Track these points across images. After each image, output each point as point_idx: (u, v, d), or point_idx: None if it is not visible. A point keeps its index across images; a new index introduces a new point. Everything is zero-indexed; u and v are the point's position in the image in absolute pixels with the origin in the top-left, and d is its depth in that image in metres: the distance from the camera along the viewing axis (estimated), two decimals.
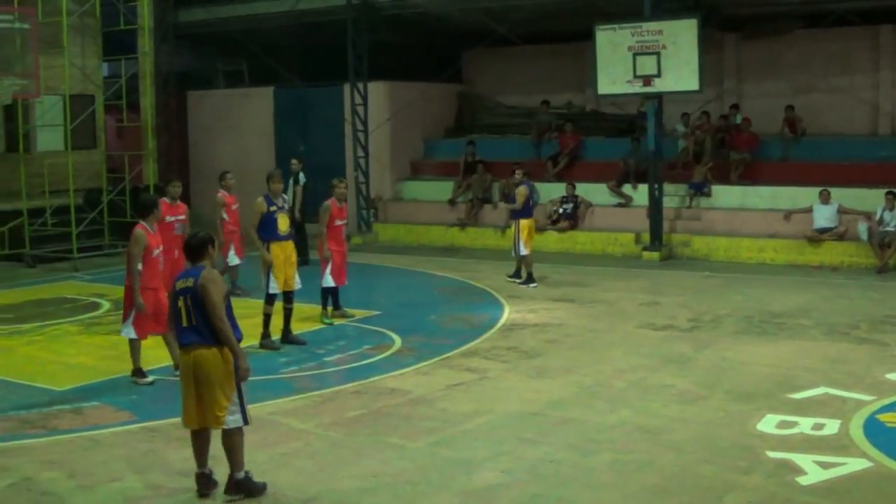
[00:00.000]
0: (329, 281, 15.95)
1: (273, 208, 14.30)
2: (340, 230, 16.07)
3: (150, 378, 12.50)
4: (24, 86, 21.17)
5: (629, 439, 10.08)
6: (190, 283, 8.63)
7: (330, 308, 16.20)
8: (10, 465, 9.59)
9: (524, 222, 19.16)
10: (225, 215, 18.23)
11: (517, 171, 20.14)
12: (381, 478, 9.09)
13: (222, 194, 18.45)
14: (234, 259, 18.41)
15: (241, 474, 8.61)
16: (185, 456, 9.64)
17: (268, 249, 14.23)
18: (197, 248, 8.87)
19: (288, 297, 14.48)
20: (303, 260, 21.20)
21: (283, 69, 28.12)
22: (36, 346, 14.98)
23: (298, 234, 21.08)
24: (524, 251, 19.11)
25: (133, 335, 12.44)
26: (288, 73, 28.26)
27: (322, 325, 15.79)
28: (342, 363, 13.57)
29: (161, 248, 12.72)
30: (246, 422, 8.67)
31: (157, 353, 12.90)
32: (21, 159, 23.68)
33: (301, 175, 21.40)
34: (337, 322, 16.04)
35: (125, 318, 12.49)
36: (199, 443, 8.74)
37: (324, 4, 26.67)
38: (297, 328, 14.82)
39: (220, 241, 17.86)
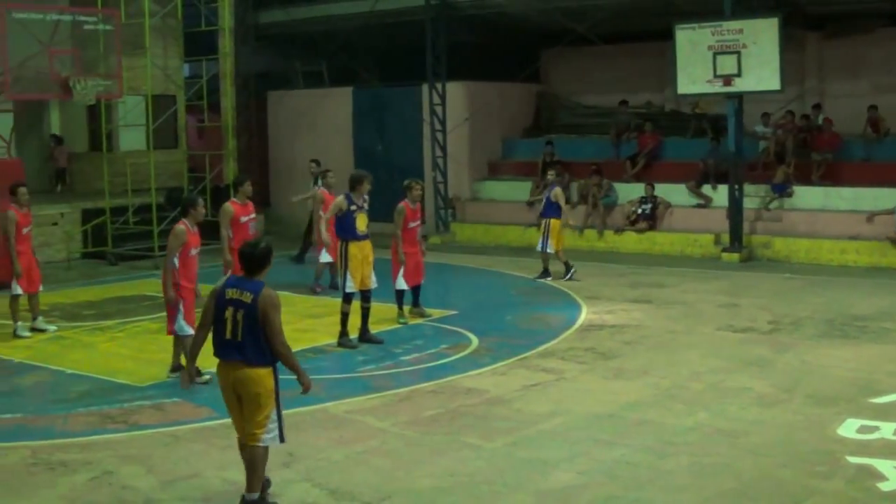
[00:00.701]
0: (402, 283, 15.99)
1: (353, 207, 14.30)
2: (415, 232, 16.07)
3: (207, 376, 12.56)
4: (108, 86, 21.52)
5: (707, 442, 10.00)
6: (247, 298, 8.09)
7: (407, 307, 16.22)
8: (91, 458, 9.75)
9: (555, 221, 19.61)
10: (323, 213, 18.39)
11: (550, 173, 20.74)
12: (457, 477, 9.10)
13: (322, 192, 18.60)
14: (325, 256, 18.47)
15: (255, 496, 8.29)
16: None
17: (346, 248, 14.26)
18: (261, 259, 8.28)
19: (365, 296, 14.52)
20: (299, 258, 21.84)
21: (362, 69, 28.24)
22: (117, 342, 15.20)
23: (306, 237, 21.57)
24: (551, 248, 19.61)
25: (191, 331, 12.32)
26: (367, 73, 28.39)
27: (398, 325, 15.82)
28: (419, 362, 13.59)
29: (199, 248, 12.68)
30: (282, 440, 8.38)
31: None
32: (104, 158, 24.05)
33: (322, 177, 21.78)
34: (414, 321, 16.07)
35: (175, 316, 12.42)
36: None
37: (402, 5, 26.77)
38: (375, 328, 14.86)
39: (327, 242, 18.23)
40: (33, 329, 15.69)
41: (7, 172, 19.19)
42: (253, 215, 15.70)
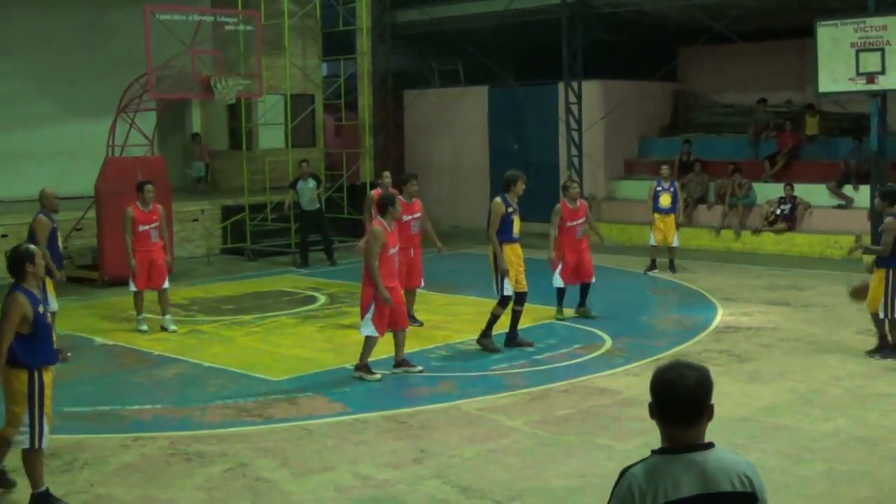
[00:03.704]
0: (559, 281, 16.08)
1: (510, 209, 13.90)
2: (574, 231, 16.15)
3: (378, 375, 12.58)
4: (248, 85, 21.82)
5: (844, 449, 9.79)
6: None
7: (575, 307, 16.35)
8: (227, 450, 9.95)
9: (657, 216, 20.72)
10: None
11: (664, 167, 21.17)
12: (589, 478, 9.07)
13: (399, 200, 18.70)
14: None
15: (41, 489, 8.57)
16: (395, 448, 9.85)
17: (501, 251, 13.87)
18: (9, 263, 8.65)
19: (520, 298, 14.09)
20: (330, 261, 22.19)
21: (498, 68, 28.28)
22: (254, 337, 15.45)
23: (324, 237, 22.18)
24: (653, 241, 20.74)
25: (375, 332, 12.31)
26: (502, 72, 28.41)
27: (536, 324, 15.60)
28: (552, 362, 13.52)
29: (397, 246, 12.63)
30: (33, 445, 8.51)
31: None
32: (244, 156, 24.46)
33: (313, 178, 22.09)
34: (553, 320, 16.05)
35: (364, 316, 12.32)
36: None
37: (538, 3, 26.70)
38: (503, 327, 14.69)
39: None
40: (163, 328, 15.84)
41: (150, 169, 19.63)
42: (417, 214, 15.35)
